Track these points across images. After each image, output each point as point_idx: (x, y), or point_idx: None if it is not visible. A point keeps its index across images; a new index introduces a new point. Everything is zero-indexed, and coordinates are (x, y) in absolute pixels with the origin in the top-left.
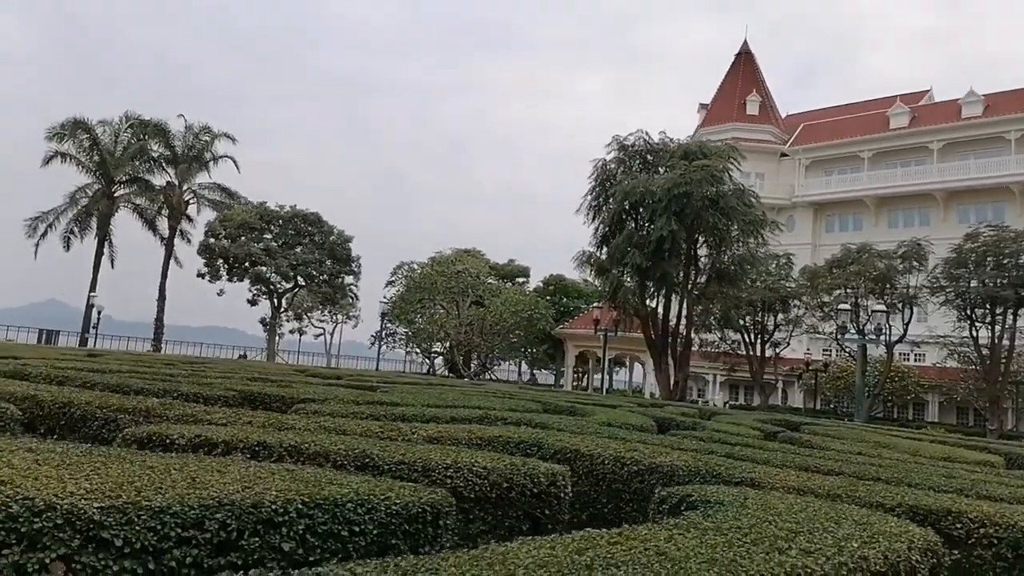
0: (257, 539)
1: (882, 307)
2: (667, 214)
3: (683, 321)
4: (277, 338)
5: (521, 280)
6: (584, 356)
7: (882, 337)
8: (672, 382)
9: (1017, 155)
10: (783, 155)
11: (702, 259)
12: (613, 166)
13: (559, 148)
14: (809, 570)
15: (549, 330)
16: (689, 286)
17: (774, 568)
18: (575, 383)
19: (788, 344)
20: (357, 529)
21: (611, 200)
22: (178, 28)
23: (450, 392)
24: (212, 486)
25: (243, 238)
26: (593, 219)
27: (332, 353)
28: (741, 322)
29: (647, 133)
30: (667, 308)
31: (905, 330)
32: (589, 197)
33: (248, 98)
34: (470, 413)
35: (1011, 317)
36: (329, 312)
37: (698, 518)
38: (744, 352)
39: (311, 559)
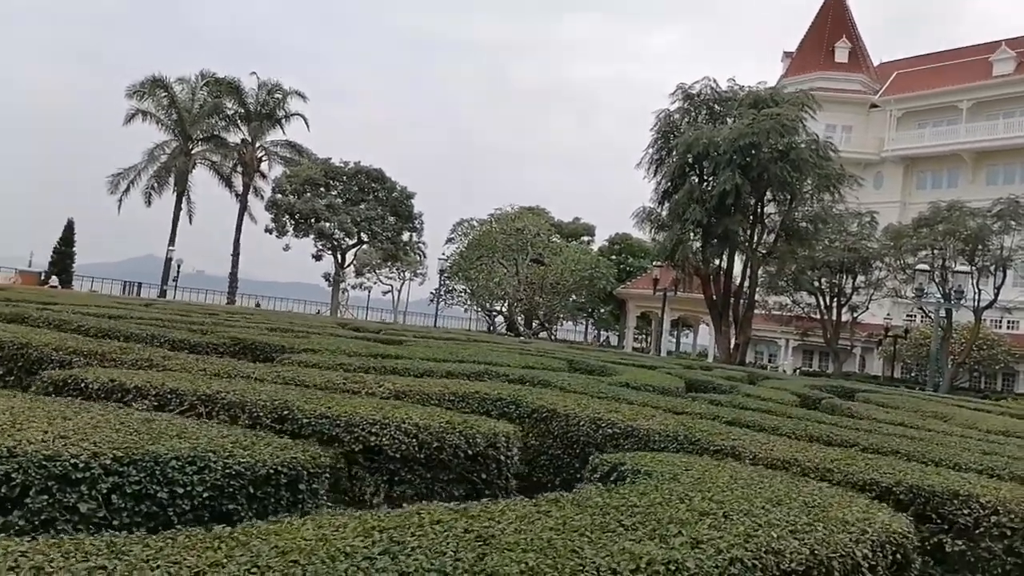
0: (47, 497)
1: (965, 268)
2: (731, 167)
3: (747, 282)
4: (345, 293)
5: (586, 239)
6: (647, 317)
7: (964, 301)
8: (732, 345)
9: None
10: (873, 106)
11: (771, 216)
12: (677, 117)
13: (635, 107)
14: (675, 566)
15: (610, 290)
16: (754, 245)
17: (623, 561)
18: (637, 344)
19: (867, 308)
20: (181, 491)
21: (674, 153)
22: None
23: (478, 348)
24: (16, 436)
25: (308, 194)
26: (655, 173)
27: (399, 310)
28: (816, 284)
29: (715, 80)
30: (730, 268)
31: (996, 294)
32: (651, 150)
33: (323, 57)
34: (471, 368)
35: None
36: (397, 269)
37: (594, 492)
38: (818, 316)
39: (115, 523)
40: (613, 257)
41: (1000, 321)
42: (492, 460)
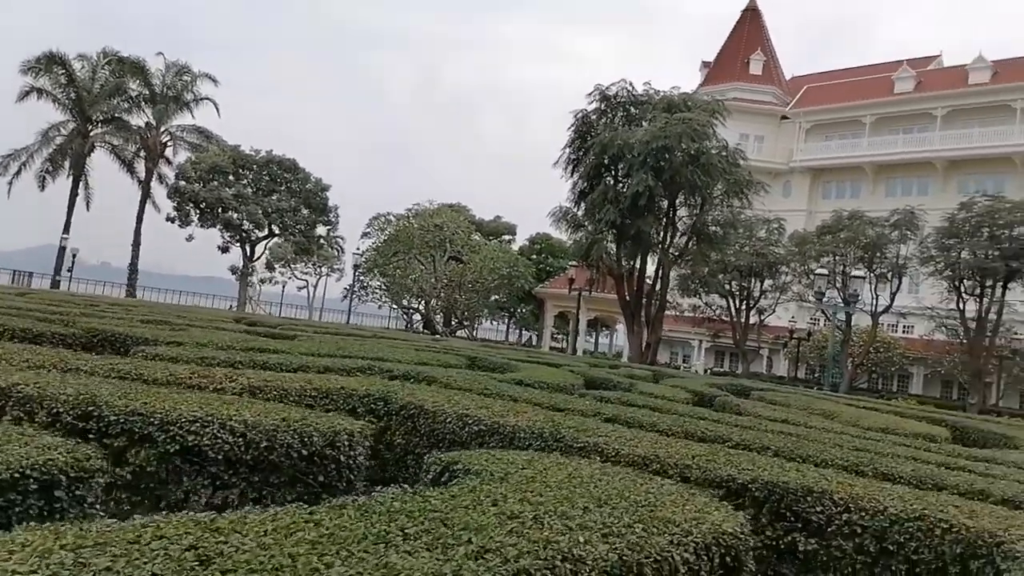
0: None
1: (860, 273)
2: (644, 169)
3: (659, 283)
4: (258, 288)
5: (507, 238)
6: (566, 317)
7: (859, 305)
8: (644, 344)
9: (1022, 124)
10: (784, 118)
11: (683, 219)
12: (594, 117)
13: (565, 108)
14: None
15: (529, 289)
16: (666, 246)
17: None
18: (556, 344)
19: (774, 311)
20: None
21: (590, 153)
22: None
23: (373, 344)
24: None
25: (215, 182)
26: (571, 173)
27: (315, 306)
28: (727, 287)
29: (630, 84)
30: (642, 268)
31: (892, 300)
32: (568, 150)
33: (249, 47)
34: (352, 363)
35: (1000, 290)
36: (313, 264)
37: (391, 496)
38: (728, 318)
39: None
40: (534, 257)
41: (896, 326)
42: (331, 461)
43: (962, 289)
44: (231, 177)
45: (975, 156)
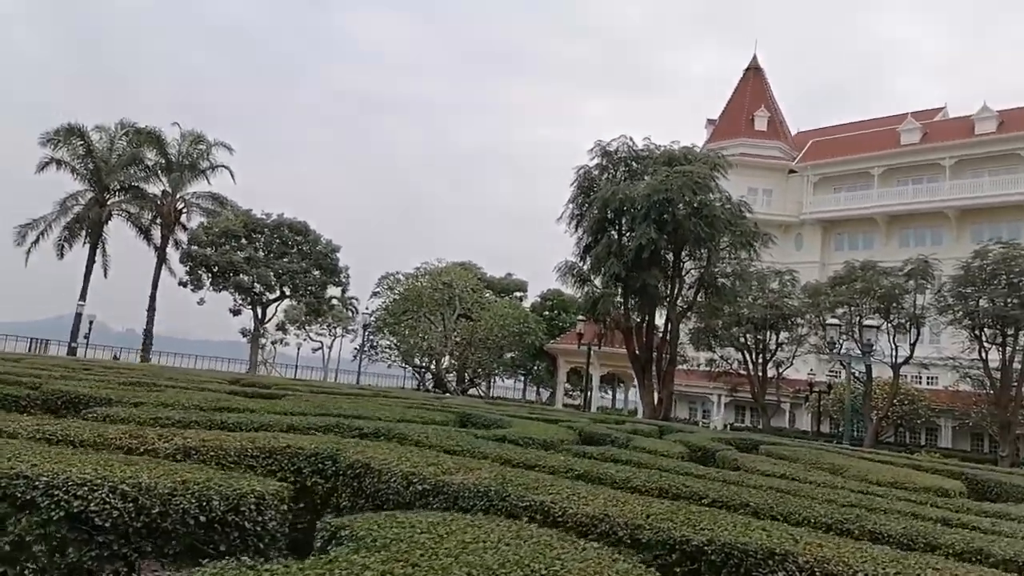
0: None
1: (874, 322)
2: (647, 222)
3: (668, 336)
4: (272, 350)
5: (518, 295)
6: (580, 373)
7: (877, 356)
8: (656, 400)
9: None
10: (791, 171)
11: (691, 272)
12: (596, 173)
13: (571, 168)
14: None
15: (540, 345)
16: (674, 299)
17: None
18: (572, 401)
19: (791, 364)
20: None
21: (593, 208)
22: (196, 51)
23: (358, 403)
24: None
25: (227, 246)
26: (576, 228)
27: (331, 368)
28: (741, 340)
29: (631, 139)
30: (651, 322)
31: (912, 350)
32: (572, 205)
33: (266, 117)
34: (323, 421)
35: (1022, 338)
36: (328, 325)
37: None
38: (745, 372)
39: None
40: (545, 313)
41: (920, 377)
42: (234, 528)
43: (983, 338)
44: (243, 240)
45: (987, 205)
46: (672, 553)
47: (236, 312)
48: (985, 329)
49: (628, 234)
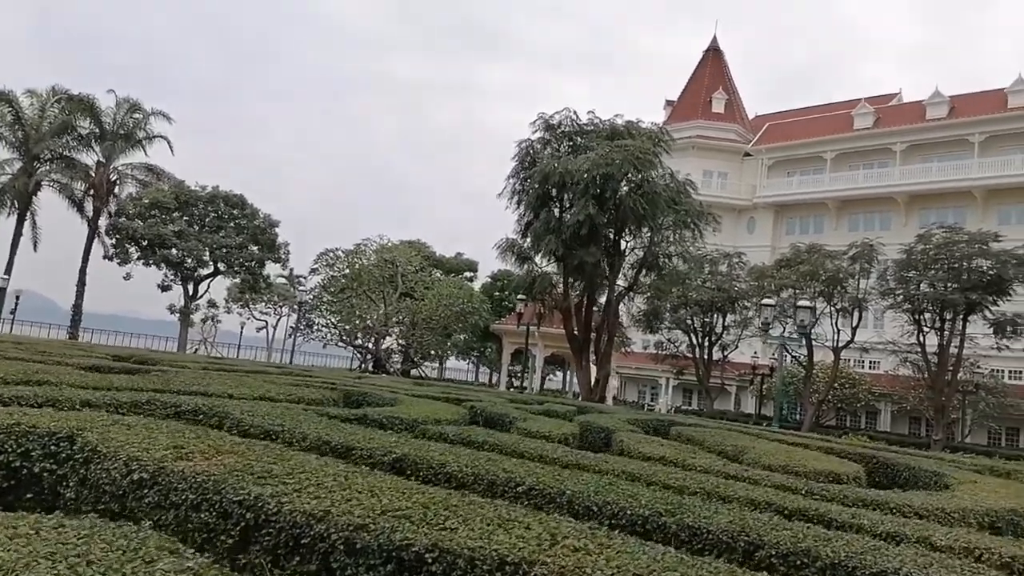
0: None
1: (807, 303)
2: (586, 198)
3: (608, 316)
4: (211, 327)
5: (468, 274)
6: (523, 354)
7: (820, 340)
8: (593, 380)
9: (980, 158)
10: (747, 155)
11: (635, 251)
12: (539, 147)
13: (513, 143)
14: None
15: (485, 326)
16: (614, 278)
17: None
18: (520, 382)
19: (737, 347)
20: None
21: (533, 182)
22: (163, 24)
23: (231, 378)
24: None
25: (155, 219)
26: (517, 204)
27: (276, 347)
28: (688, 322)
29: (575, 112)
30: (590, 301)
31: (853, 334)
32: (513, 180)
33: (237, 94)
34: (135, 397)
35: (960, 323)
36: (274, 304)
37: None
38: (691, 355)
39: None
40: (496, 294)
41: (862, 361)
42: None
43: (922, 322)
44: (175, 213)
45: (935, 191)
46: (388, 563)
47: (166, 288)
48: (924, 313)
49: (569, 210)
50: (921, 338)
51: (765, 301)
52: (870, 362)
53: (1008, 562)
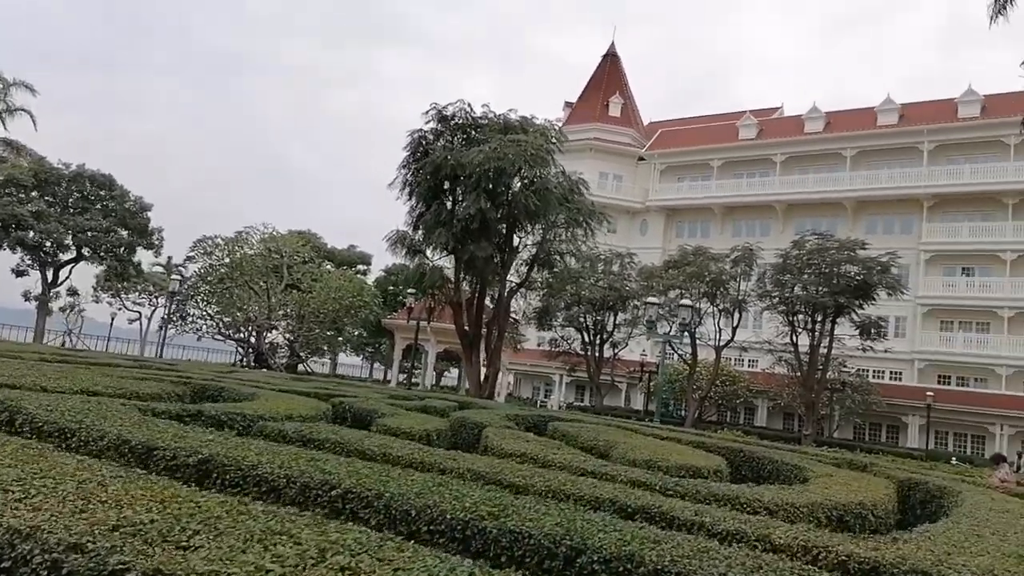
0: None
1: (688, 302)
2: (478, 191)
3: (499, 312)
4: (76, 318)
5: (362, 267)
6: (417, 349)
7: (699, 337)
8: (483, 376)
9: (852, 172)
10: (641, 159)
11: (528, 247)
12: (431, 138)
13: (405, 133)
14: None
15: (377, 321)
16: (505, 273)
17: None
18: (415, 379)
19: (627, 345)
20: None
21: (424, 174)
22: None
23: (64, 370)
24: None
25: (12, 198)
26: (409, 196)
27: (150, 339)
28: (581, 320)
29: (469, 104)
30: (481, 296)
31: (733, 333)
32: (404, 171)
33: (121, 67)
34: None
35: (830, 324)
36: (149, 294)
37: None
38: (583, 352)
39: None
40: (390, 288)
41: (742, 360)
42: None
43: (795, 323)
44: (33, 193)
45: (810, 200)
46: None
47: (21, 273)
48: (798, 315)
49: (461, 204)
50: (794, 338)
51: (650, 299)
52: (749, 360)
53: (844, 560)
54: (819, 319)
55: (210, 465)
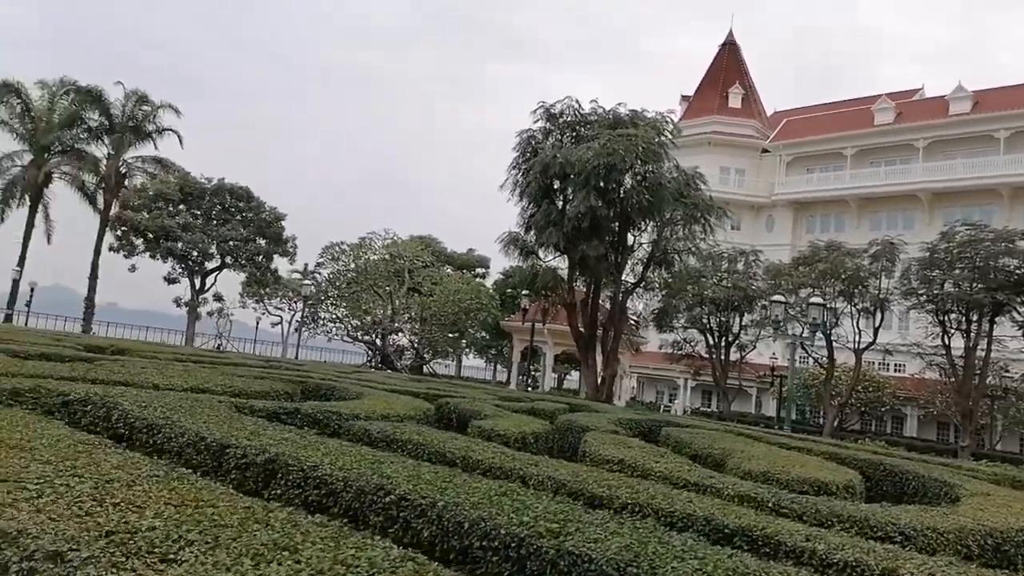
0: None
1: (818, 301)
2: (587, 189)
3: (615, 313)
4: (227, 322)
5: (480, 271)
6: (536, 351)
7: (837, 340)
8: (600, 379)
9: (1006, 155)
10: (764, 151)
11: (643, 246)
12: (540, 137)
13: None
14: None
15: (495, 323)
16: (620, 273)
17: None
18: (523, 379)
19: (755, 347)
20: None
21: (533, 174)
22: (181, 26)
23: (185, 369)
24: None
25: (160, 211)
26: (520, 197)
27: (290, 342)
28: (704, 321)
29: (577, 101)
30: (595, 297)
31: (875, 335)
32: (514, 172)
33: (262, 95)
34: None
35: (987, 324)
36: (288, 299)
37: None
38: (708, 354)
39: None
40: (508, 290)
41: (886, 364)
42: None
43: (947, 323)
44: (180, 206)
45: (959, 188)
46: None
47: (172, 280)
48: (949, 314)
49: (571, 203)
50: (946, 340)
51: (775, 298)
52: (895, 365)
53: None
54: (975, 318)
55: (276, 464)
